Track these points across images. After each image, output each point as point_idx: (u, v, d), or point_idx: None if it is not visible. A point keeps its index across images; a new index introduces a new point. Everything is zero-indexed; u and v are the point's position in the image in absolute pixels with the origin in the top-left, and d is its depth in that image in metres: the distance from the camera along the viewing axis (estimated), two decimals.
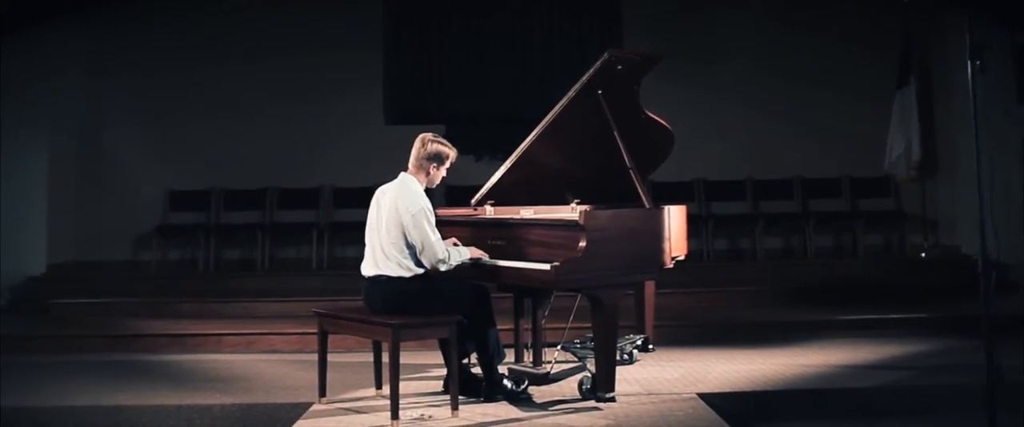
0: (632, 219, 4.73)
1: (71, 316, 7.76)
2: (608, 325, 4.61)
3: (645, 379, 5.38)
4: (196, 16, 9.53)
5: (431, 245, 4.62)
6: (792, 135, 9.43)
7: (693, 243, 9.10)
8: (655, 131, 5.51)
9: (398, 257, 4.65)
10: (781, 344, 6.40)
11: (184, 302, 7.93)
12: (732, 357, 6.02)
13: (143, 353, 6.63)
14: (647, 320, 6.09)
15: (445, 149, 4.84)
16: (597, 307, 4.60)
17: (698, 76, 9.36)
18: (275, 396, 5.16)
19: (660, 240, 4.84)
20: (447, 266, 4.68)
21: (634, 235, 4.70)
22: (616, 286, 4.63)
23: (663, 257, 4.86)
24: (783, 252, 9.50)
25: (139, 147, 9.52)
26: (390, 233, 4.66)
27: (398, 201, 4.69)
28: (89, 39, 9.50)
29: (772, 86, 9.49)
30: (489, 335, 4.80)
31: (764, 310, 7.49)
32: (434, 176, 4.85)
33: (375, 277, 4.72)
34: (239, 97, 9.51)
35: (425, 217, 4.63)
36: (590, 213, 4.52)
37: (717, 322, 7.09)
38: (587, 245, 4.47)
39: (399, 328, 4.35)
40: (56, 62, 9.09)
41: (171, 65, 9.54)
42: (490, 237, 5.04)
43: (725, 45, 9.62)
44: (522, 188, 5.49)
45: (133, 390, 5.34)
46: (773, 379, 5.34)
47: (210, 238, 9.27)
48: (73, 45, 9.37)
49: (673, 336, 6.59)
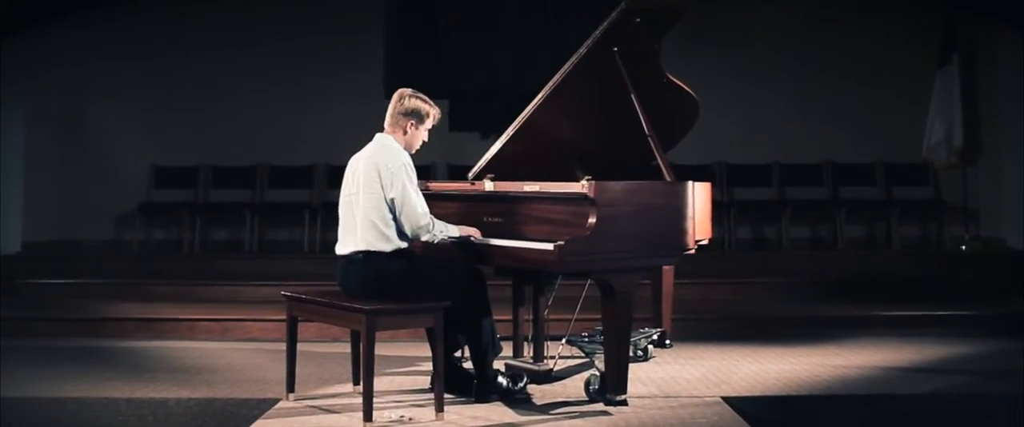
0: (650, 194, 4.07)
1: (40, 298, 7.19)
2: (620, 316, 3.96)
3: (662, 379, 4.74)
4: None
5: (412, 204, 4.01)
6: (822, 117, 8.77)
7: (714, 231, 8.49)
8: (678, 98, 4.87)
9: (378, 225, 4.02)
10: (813, 341, 5.74)
11: (161, 285, 7.35)
12: (759, 355, 5.38)
13: (108, 338, 6.04)
14: (664, 312, 5.45)
15: (425, 106, 4.22)
16: (608, 295, 3.96)
17: (723, 55, 8.70)
18: (240, 390, 4.55)
19: (682, 219, 4.18)
20: (430, 236, 4.05)
21: (652, 212, 4.05)
22: (630, 271, 3.98)
23: (685, 239, 4.20)
24: (811, 242, 8.84)
25: (124, 120, 8.91)
26: (369, 195, 4.05)
27: (376, 156, 4.09)
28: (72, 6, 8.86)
29: (801, 64, 8.84)
30: (483, 325, 4.16)
31: (792, 304, 6.83)
32: (413, 137, 4.23)
33: (350, 255, 4.10)
34: (231, 69, 8.91)
35: (406, 173, 4.03)
36: (602, 184, 3.87)
37: (742, 316, 6.44)
38: (597, 221, 3.82)
39: (374, 314, 3.72)
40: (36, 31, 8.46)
41: (159, 34, 8.94)
42: (486, 213, 4.40)
43: (751, 22, 8.94)
44: (526, 162, 4.83)
45: (85, 379, 4.76)
46: (808, 382, 4.69)
47: (196, 217, 8.67)
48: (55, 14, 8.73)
49: (693, 331, 5.97)
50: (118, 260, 8.23)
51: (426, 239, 4.07)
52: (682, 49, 4.76)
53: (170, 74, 8.90)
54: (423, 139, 4.31)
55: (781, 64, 8.82)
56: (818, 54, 8.83)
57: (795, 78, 8.82)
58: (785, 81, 8.79)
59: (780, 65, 8.82)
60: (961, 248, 8.30)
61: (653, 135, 4.36)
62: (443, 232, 4.13)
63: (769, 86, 8.77)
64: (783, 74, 8.81)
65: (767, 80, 8.78)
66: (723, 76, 8.52)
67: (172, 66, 8.90)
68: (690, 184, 4.24)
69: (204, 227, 8.74)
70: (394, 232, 4.04)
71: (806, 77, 8.82)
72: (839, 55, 8.83)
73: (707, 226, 4.85)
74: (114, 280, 7.49)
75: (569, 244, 3.76)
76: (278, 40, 8.90)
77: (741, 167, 8.81)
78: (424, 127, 4.25)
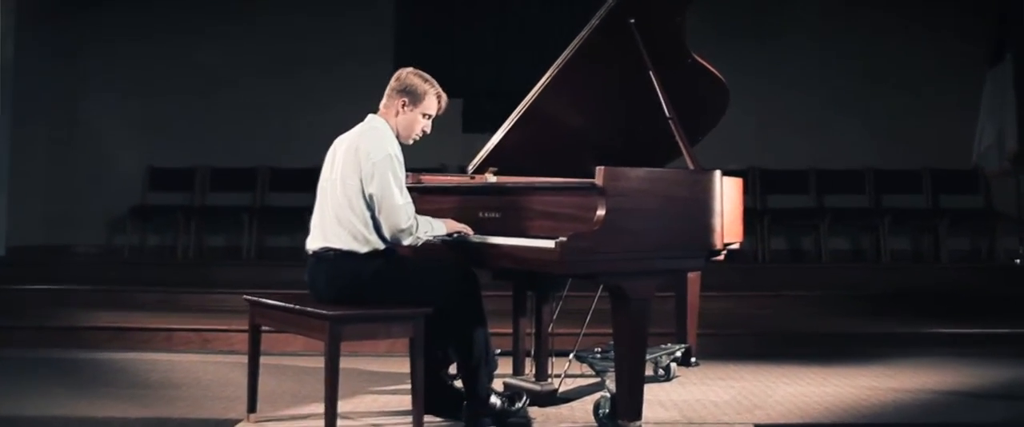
0: (671, 184, 3.45)
1: (14, 305, 6.65)
2: (635, 328, 3.34)
3: (685, 402, 4.12)
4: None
5: (392, 204, 3.42)
6: (863, 119, 8.14)
7: (746, 241, 7.85)
8: (705, 82, 4.26)
9: (354, 223, 3.45)
10: (859, 361, 5.09)
11: (148, 292, 6.79)
12: (798, 376, 4.73)
13: (77, 349, 5.48)
14: (689, 326, 4.83)
15: (423, 85, 3.64)
16: (620, 302, 3.34)
17: (756, 51, 8.09)
18: (200, 409, 3.98)
19: (709, 214, 3.56)
20: (413, 239, 3.47)
21: (673, 206, 3.43)
22: (646, 274, 3.36)
23: (712, 238, 3.58)
24: (852, 254, 8.17)
25: (117, 119, 8.42)
26: (346, 187, 3.48)
27: (360, 141, 3.51)
28: None
29: (841, 61, 8.22)
30: (475, 336, 3.56)
31: (832, 319, 6.16)
32: (409, 123, 3.65)
33: (320, 252, 3.52)
34: (231, 65, 8.41)
35: (391, 166, 3.44)
36: (612, 171, 3.27)
37: (777, 331, 5.78)
38: (607, 214, 3.22)
39: (339, 322, 3.14)
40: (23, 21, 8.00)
41: (156, 27, 8.46)
42: (482, 208, 3.81)
43: (787, 18, 8.32)
44: (533, 154, 4.24)
45: (34, 393, 4.22)
46: (855, 407, 4.05)
47: (191, 221, 8.15)
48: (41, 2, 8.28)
49: (722, 348, 5.35)
50: (105, 267, 7.72)
51: (408, 243, 3.49)
52: (710, 43, 4.21)
53: (166, 68, 8.41)
54: (423, 128, 3.71)
55: (819, 61, 8.19)
56: (860, 51, 8.19)
57: (834, 77, 8.18)
58: (824, 80, 8.16)
59: (818, 62, 8.19)
60: (1016, 262, 7.63)
61: (675, 118, 3.76)
62: (428, 232, 3.55)
63: (806, 85, 8.14)
64: (821, 72, 8.18)
65: (804, 79, 8.15)
66: (756, 74, 7.91)
67: (168, 60, 8.42)
68: (718, 174, 3.62)
69: (200, 232, 8.22)
70: (372, 231, 3.47)
71: (846, 76, 8.18)
72: (882, 52, 8.19)
73: (738, 227, 4.21)
74: (98, 287, 6.96)
75: (573, 241, 3.15)
76: (282, 35, 8.41)
77: (776, 173, 8.16)
78: (420, 110, 3.66)
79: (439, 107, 3.70)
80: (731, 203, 4.05)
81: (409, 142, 3.70)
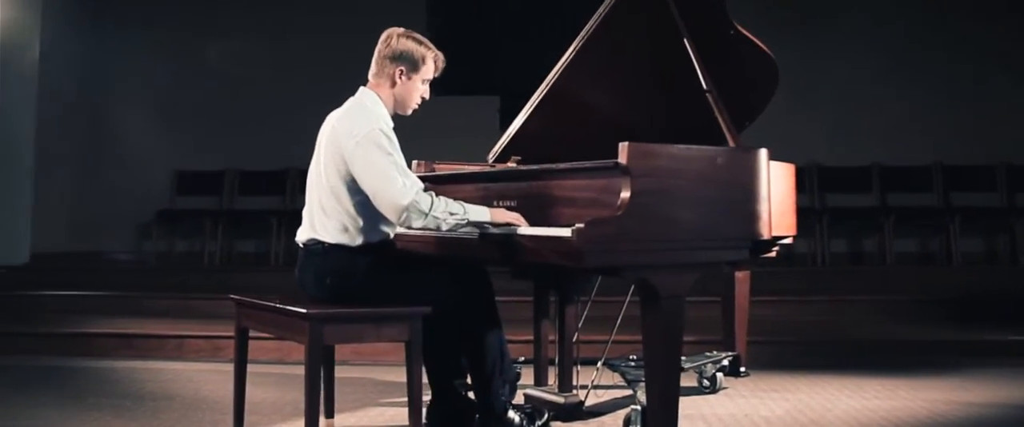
0: (708, 162, 2.97)
1: (31, 312, 6.39)
2: (667, 330, 2.87)
3: (732, 417, 3.64)
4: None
5: (385, 180, 2.94)
6: (931, 110, 7.54)
7: (802, 243, 7.34)
8: (750, 57, 3.79)
9: (340, 213, 3.05)
10: (929, 372, 4.54)
11: (167, 298, 6.48)
12: (861, 388, 4.20)
13: (82, 357, 5.19)
14: (738, 332, 4.33)
15: (419, 48, 3.23)
16: (649, 300, 2.87)
17: (813, 37, 7.53)
18: (186, 421, 3.60)
19: (752, 199, 3.06)
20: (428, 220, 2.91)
21: (711, 188, 2.95)
22: (680, 267, 2.88)
23: (757, 226, 3.08)
24: (919, 256, 7.56)
25: (145, 122, 8.17)
26: (329, 173, 3.07)
27: (340, 122, 3.10)
28: None
29: (907, 48, 7.62)
30: (487, 341, 3.13)
31: (898, 327, 5.59)
32: (408, 92, 3.24)
33: (309, 244, 3.12)
34: (261, 67, 8.12)
35: (376, 140, 2.99)
36: (638, 147, 2.80)
37: (837, 339, 5.23)
38: (633, 197, 2.76)
39: (319, 321, 2.72)
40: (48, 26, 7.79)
41: (185, 27, 8.20)
42: (497, 197, 3.37)
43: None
44: (558, 140, 3.82)
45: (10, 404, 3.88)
46: (926, 423, 3.52)
47: (219, 226, 7.84)
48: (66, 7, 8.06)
49: (776, 356, 4.84)
50: (129, 273, 7.47)
51: (421, 225, 2.94)
52: (763, 28, 3.75)
53: (193, 71, 8.15)
54: (422, 95, 3.31)
55: (883, 48, 7.61)
56: (927, 37, 7.60)
57: (899, 65, 7.59)
58: (888, 68, 7.57)
59: (882, 49, 7.61)
60: None
61: (713, 90, 3.29)
62: (457, 216, 2.97)
63: (869, 75, 7.57)
64: (885, 60, 7.60)
65: (866, 67, 7.58)
66: (815, 62, 7.39)
67: (196, 62, 8.15)
68: (763, 154, 3.13)
69: (228, 237, 7.91)
70: (363, 223, 3.04)
71: (913, 64, 7.59)
72: (953, 37, 7.58)
73: (790, 219, 3.70)
74: (116, 293, 6.67)
75: (592, 227, 2.69)
76: (313, 38, 8.08)
77: (835, 170, 7.61)
78: (419, 77, 3.25)
79: (437, 69, 3.28)
80: (781, 191, 3.55)
81: (409, 112, 3.29)
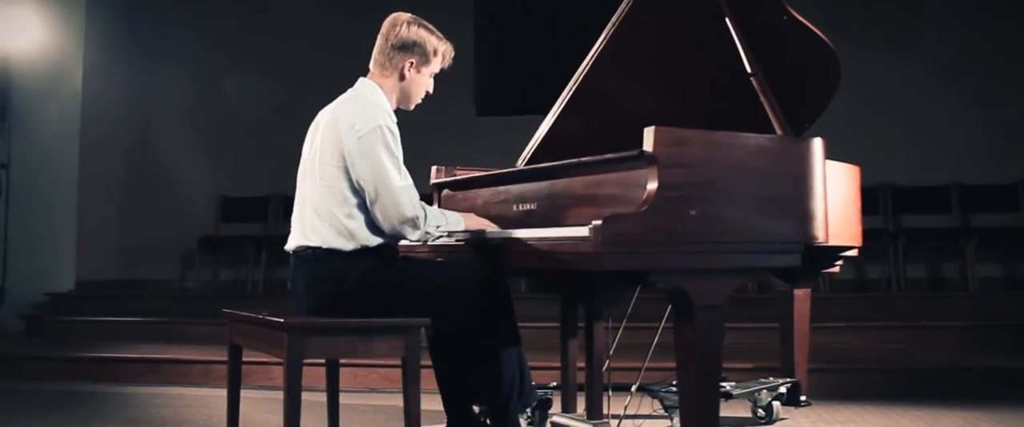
0: (750, 151, 2.56)
1: (67, 338, 6.24)
2: (703, 346, 2.47)
3: None
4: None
5: (390, 188, 2.67)
6: (1015, 125, 6.93)
7: (875, 268, 6.82)
8: (807, 47, 3.33)
9: (335, 214, 2.72)
10: (1016, 405, 4.02)
11: (202, 325, 6.24)
12: (938, 420, 3.72)
13: (105, 382, 5.06)
14: (798, 357, 3.85)
15: (434, 39, 2.92)
16: (683, 312, 2.48)
17: (888, 43, 7.00)
18: None
19: (804, 195, 2.65)
20: (421, 234, 2.71)
21: (753, 180, 2.55)
22: (716, 273, 2.48)
23: (810, 227, 2.66)
24: (1005, 282, 6.93)
25: (189, 146, 8.00)
26: (325, 171, 2.76)
27: (339, 114, 2.79)
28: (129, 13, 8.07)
29: (988, 58, 7.04)
30: (503, 359, 2.76)
31: (981, 355, 5.04)
32: (415, 86, 2.94)
33: (299, 251, 2.80)
34: (306, 89, 7.86)
35: (383, 140, 2.70)
36: (666, 132, 2.43)
37: (912, 368, 4.72)
38: (660, 190, 2.38)
39: (299, 333, 2.39)
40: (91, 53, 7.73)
41: (226, 55, 8.06)
42: (518, 200, 3.02)
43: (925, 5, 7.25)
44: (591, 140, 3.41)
45: None
46: None
47: (262, 252, 7.61)
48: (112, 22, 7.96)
49: (843, 386, 4.39)
50: (169, 299, 7.29)
51: (415, 239, 2.73)
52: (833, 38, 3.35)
53: (238, 95, 7.97)
54: (427, 90, 3.01)
55: (962, 59, 7.04)
56: (1010, 47, 7.03)
57: (980, 77, 7.02)
58: (967, 81, 7.01)
59: (961, 60, 7.04)
60: None
61: (757, 73, 2.90)
62: (441, 226, 2.79)
63: (947, 88, 7.00)
64: (965, 72, 7.03)
65: (944, 80, 7.02)
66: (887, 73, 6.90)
67: (241, 87, 7.97)
68: (818, 145, 2.71)
69: (272, 264, 7.66)
70: (361, 224, 2.72)
71: (994, 75, 7.01)
72: None
73: (854, 227, 3.27)
74: (155, 320, 6.51)
75: (612, 224, 2.32)
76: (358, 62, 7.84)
77: (912, 189, 7.04)
78: (429, 70, 2.95)
79: (445, 63, 2.97)
80: (843, 194, 3.14)
81: (411, 108, 2.99)
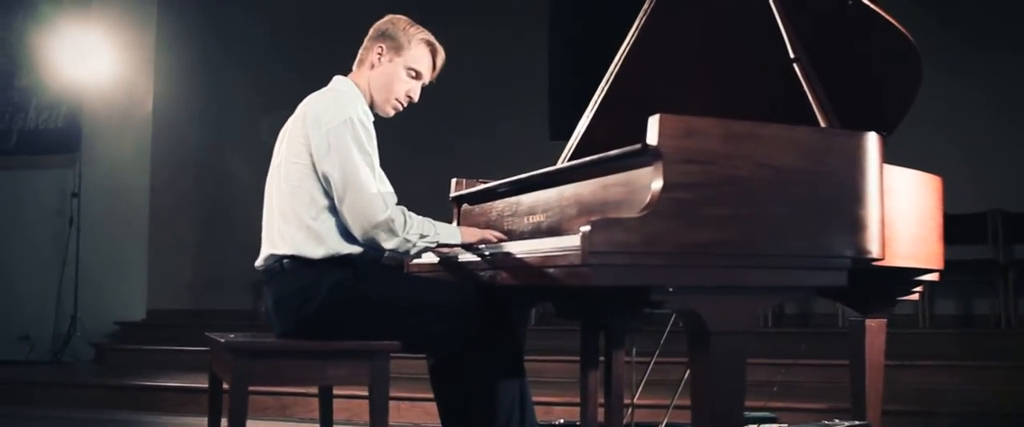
0: (781, 145, 2.11)
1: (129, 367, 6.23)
2: (719, 379, 2.04)
3: None
4: None
5: (359, 185, 2.36)
6: None
7: (980, 303, 6.16)
8: (878, 37, 2.82)
9: (301, 217, 2.42)
10: None
11: None
12: None
13: (147, 412, 5.01)
14: (870, 396, 3.32)
15: (413, 29, 2.61)
16: (697, 338, 2.07)
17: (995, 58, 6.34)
18: None
19: (854, 200, 2.18)
20: (398, 242, 2.37)
21: (786, 179, 2.11)
22: (737, 292, 2.05)
23: (861, 239, 2.18)
24: None
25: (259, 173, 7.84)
26: (289, 170, 2.46)
27: (308, 110, 2.50)
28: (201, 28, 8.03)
29: None
30: (500, 389, 2.40)
31: None
32: (387, 78, 2.64)
33: (268, 264, 2.51)
34: None
35: (352, 133, 2.41)
36: (673, 121, 2.03)
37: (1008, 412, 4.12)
38: (666, 190, 1.99)
39: (244, 356, 2.09)
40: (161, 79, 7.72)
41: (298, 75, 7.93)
42: (527, 212, 2.66)
43: None
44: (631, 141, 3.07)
45: None
46: None
47: None
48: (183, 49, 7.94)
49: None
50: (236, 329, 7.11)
51: (391, 248, 2.38)
52: (935, 48, 2.85)
53: None
54: (408, 93, 2.67)
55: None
56: None
57: None
58: None
59: None
60: None
61: (801, 59, 2.47)
62: (428, 237, 2.43)
63: None
64: None
65: None
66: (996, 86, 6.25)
67: None
68: (873, 140, 2.25)
69: None
70: (331, 229, 2.42)
71: None
72: None
73: (932, 247, 2.75)
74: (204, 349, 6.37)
75: (601, 231, 1.93)
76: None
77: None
78: (402, 62, 2.62)
79: (433, 64, 2.65)
80: (917, 206, 2.64)
81: (388, 111, 2.66)
